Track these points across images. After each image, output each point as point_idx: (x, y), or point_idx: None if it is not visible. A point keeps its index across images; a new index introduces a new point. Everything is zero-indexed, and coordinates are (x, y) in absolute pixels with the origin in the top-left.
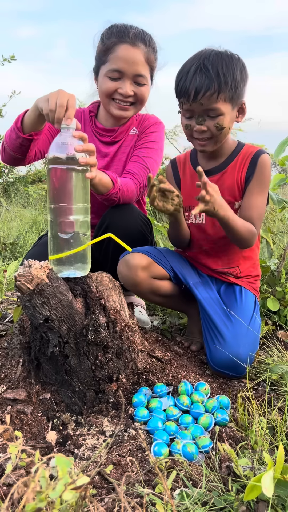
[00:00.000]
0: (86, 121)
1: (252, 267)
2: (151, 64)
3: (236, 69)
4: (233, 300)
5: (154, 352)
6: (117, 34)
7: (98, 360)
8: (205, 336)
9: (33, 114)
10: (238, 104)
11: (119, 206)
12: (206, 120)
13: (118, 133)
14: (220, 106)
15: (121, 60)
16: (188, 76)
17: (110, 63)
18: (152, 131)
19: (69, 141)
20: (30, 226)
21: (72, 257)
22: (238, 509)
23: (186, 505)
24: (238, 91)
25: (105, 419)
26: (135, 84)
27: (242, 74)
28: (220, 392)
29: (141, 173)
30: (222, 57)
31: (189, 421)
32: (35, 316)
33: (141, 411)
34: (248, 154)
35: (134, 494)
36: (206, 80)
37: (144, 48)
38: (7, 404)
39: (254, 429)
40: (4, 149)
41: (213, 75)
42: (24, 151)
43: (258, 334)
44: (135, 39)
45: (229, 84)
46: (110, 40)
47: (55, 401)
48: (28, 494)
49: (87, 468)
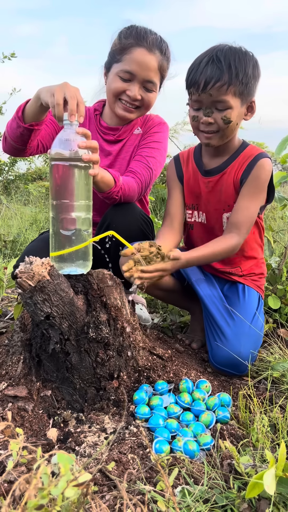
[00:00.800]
0: (90, 119)
1: (256, 266)
2: (163, 72)
3: (248, 64)
4: (236, 298)
5: (155, 349)
6: (136, 37)
7: (99, 358)
8: (207, 333)
9: (34, 105)
10: (248, 101)
11: (121, 205)
12: (214, 112)
13: (122, 132)
14: (229, 99)
15: (135, 63)
16: (200, 67)
17: (124, 64)
18: (156, 131)
19: (72, 138)
20: (30, 223)
21: (73, 254)
22: (240, 506)
23: (188, 502)
24: (248, 87)
25: (106, 417)
26: (144, 89)
27: (255, 71)
28: (221, 389)
29: (144, 172)
30: (236, 51)
31: (190, 419)
32: (36, 313)
33: (142, 408)
34: (248, 156)
35: (136, 491)
36: (218, 71)
37: (159, 55)
38: (8, 401)
39: (255, 427)
40: (5, 139)
41: (224, 66)
42: (25, 141)
43: (260, 333)
44: (152, 45)
45: (240, 78)
46: (128, 40)
47: (56, 398)
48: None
49: (88, 465)
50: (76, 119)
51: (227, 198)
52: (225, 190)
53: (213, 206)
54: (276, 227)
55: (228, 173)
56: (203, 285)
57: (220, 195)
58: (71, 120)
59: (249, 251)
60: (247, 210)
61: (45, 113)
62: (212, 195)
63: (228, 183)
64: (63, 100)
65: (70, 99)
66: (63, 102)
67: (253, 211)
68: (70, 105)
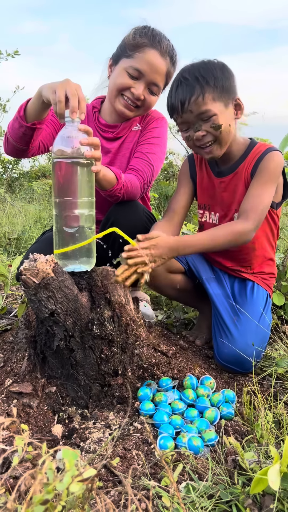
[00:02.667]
0: (89, 116)
1: (266, 265)
2: (168, 79)
3: (214, 69)
4: (243, 296)
5: (159, 346)
6: (152, 38)
7: (104, 354)
8: (214, 331)
9: (36, 102)
10: (231, 100)
11: (124, 203)
12: (202, 125)
13: (121, 129)
14: (209, 107)
15: (147, 63)
16: (172, 93)
17: (135, 61)
18: (155, 126)
19: (74, 135)
20: (34, 221)
21: (77, 251)
22: (244, 502)
23: (192, 498)
24: (224, 88)
25: (111, 413)
26: (149, 91)
27: (224, 72)
28: (226, 386)
29: (145, 170)
30: (198, 64)
31: (194, 415)
32: (41, 310)
33: (146, 404)
34: (257, 153)
35: (140, 487)
36: (187, 88)
37: (169, 62)
38: (13, 397)
39: (259, 423)
40: (7, 140)
41: (192, 81)
42: (27, 141)
43: (267, 331)
44: (165, 50)
45: (212, 83)
46: (143, 39)
47: (60, 394)
48: (35, 486)
49: (93, 461)
50: (77, 116)
51: (240, 197)
52: (238, 189)
53: (226, 206)
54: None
55: (239, 173)
56: (213, 283)
57: (233, 195)
58: (73, 117)
59: (260, 249)
60: (256, 197)
61: (47, 111)
62: (225, 196)
63: (240, 182)
64: (65, 97)
65: (72, 96)
66: (64, 99)
67: (263, 199)
68: (72, 102)
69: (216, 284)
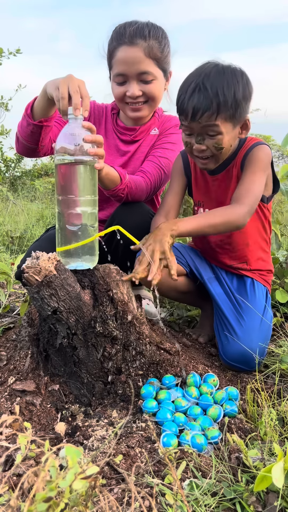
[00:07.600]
0: (107, 117)
1: (262, 261)
2: (155, 56)
3: (238, 87)
4: (244, 294)
5: (162, 344)
6: (116, 37)
7: (107, 352)
8: (217, 330)
9: (42, 99)
10: (240, 121)
11: (129, 204)
12: (205, 139)
13: (139, 132)
14: (219, 124)
15: (121, 63)
16: (187, 94)
17: (114, 68)
18: (172, 132)
19: (78, 132)
20: (37, 219)
21: (80, 249)
22: (248, 499)
23: (196, 496)
24: (240, 110)
25: (114, 411)
26: (142, 82)
27: (245, 92)
28: (229, 383)
29: (154, 172)
30: (223, 75)
31: (198, 413)
32: (43, 307)
33: (149, 402)
34: (247, 148)
35: (144, 484)
36: (205, 100)
37: (143, 43)
38: (16, 395)
39: (263, 420)
40: (18, 139)
41: (211, 95)
42: (36, 140)
43: (270, 327)
44: (132, 37)
45: (229, 104)
46: (112, 45)
47: (63, 392)
48: (38, 484)
49: (96, 459)
50: (81, 113)
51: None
52: (230, 186)
53: (220, 203)
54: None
55: (231, 170)
56: (214, 283)
57: (226, 192)
58: (76, 114)
59: (254, 244)
60: (248, 184)
61: (53, 108)
62: (219, 193)
63: (232, 179)
64: (68, 94)
65: (74, 93)
66: (67, 95)
67: (255, 186)
68: (74, 100)
69: (217, 284)
